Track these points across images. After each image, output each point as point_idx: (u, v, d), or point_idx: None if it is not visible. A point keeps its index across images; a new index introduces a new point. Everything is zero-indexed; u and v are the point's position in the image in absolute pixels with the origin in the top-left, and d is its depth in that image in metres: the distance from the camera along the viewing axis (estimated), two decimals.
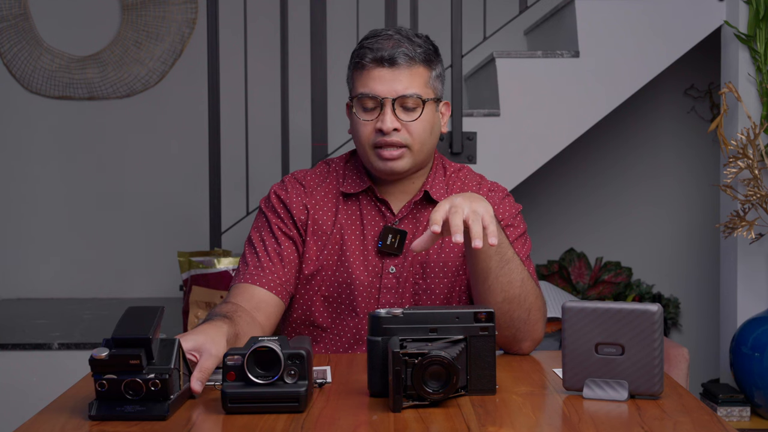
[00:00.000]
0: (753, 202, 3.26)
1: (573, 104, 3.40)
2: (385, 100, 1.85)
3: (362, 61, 1.88)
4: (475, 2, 3.81)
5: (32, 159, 4.35)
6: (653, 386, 1.45)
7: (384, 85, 1.86)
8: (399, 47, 1.86)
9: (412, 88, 1.86)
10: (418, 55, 1.87)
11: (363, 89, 1.87)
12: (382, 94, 1.86)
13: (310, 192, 1.96)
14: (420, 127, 1.87)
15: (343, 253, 1.91)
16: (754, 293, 3.43)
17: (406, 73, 1.86)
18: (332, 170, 1.99)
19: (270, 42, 3.98)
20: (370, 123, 1.88)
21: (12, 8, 4.32)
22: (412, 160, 1.89)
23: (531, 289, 1.79)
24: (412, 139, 1.87)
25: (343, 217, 1.93)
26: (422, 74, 1.88)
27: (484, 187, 1.99)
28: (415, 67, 1.87)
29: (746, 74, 3.39)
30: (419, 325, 1.49)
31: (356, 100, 1.89)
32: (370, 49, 1.87)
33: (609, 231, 4.35)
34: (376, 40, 1.88)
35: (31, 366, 3.21)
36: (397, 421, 1.36)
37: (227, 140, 3.66)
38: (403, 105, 1.86)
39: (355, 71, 1.91)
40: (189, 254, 3.24)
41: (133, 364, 1.36)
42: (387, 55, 1.85)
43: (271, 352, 1.41)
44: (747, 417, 3.32)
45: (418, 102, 1.87)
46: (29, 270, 4.35)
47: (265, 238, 1.92)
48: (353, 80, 1.91)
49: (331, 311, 1.92)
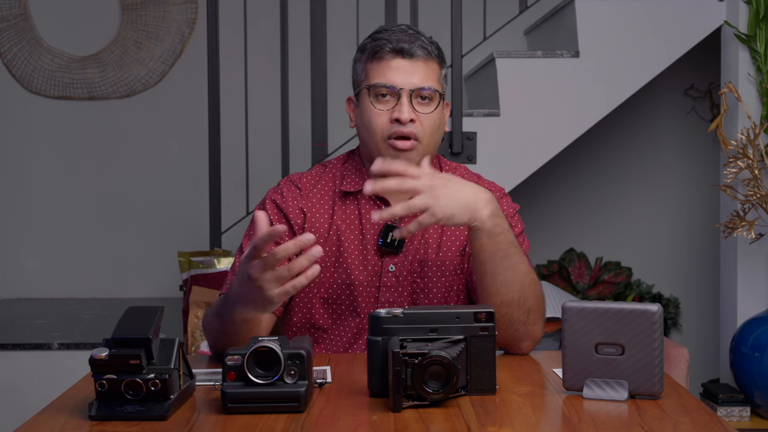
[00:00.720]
0: (753, 202, 3.26)
1: (573, 104, 3.40)
2: (403, 90, 1.86)
3: (380, 52, 1.88)
4: (475, 2, 3.81)
5: (32, 159, 4.35)
6: (653, 386, 1.45)
7: (402, 76, 1.87)
8: (417, 40, 1.88)
9: (429, 81, 1.88)
10: (433, 50, 1.90)
11: (380, 79, 1.87)
12: (399, 84, 1.87)
13: (306, 194, 1.95)
14: (433, 120, 1.89)
15: (341, 254, 1.91)
16: (754, 293, 3.43)
17: (422, 66, 1.88)
18: (329, 171, 1.99)
19: (270, 42, 3.97)
20: (385, 113, 1.87)
21: (12, 8, 4.32)
22: (420, 153, 1.89)
23: (532, 293, 1.78)
24: (423, 132, 1.88)
25: (339, 217, 1.93)
26: (436, 69, 1.91)
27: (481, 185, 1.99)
28: (431, 62, 1.89)
29: (746, 74, 3.39)
30: (419, 325, 1.49)
31: (371, 90, 1.88)
32: (388, 41, 1.88)
33: (609, 231, 4.35)
34: (392, 32, 1.90)
35: (31, 366, 3.21)
36: (397, 421, 1.36)
37: (227, 140, 3.66)
38: (420, 96, 1.88)
39: (370, 62, 1.90)
40: (189, 254, 3.24)
41: (133, 363, 1.36)
42: (407, 47, 1.87)
43: (271, 352, 1.41)
44: (747, 417, 3.32)
45: (434, 95, 1.88)
46: (29, 270, 4.35)
47: None
48: (367, 71, 1.91)
49: (331, 312, 1.92)
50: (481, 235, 1.71)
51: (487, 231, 1.71)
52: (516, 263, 1.75)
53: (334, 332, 1.92)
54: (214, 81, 3.40)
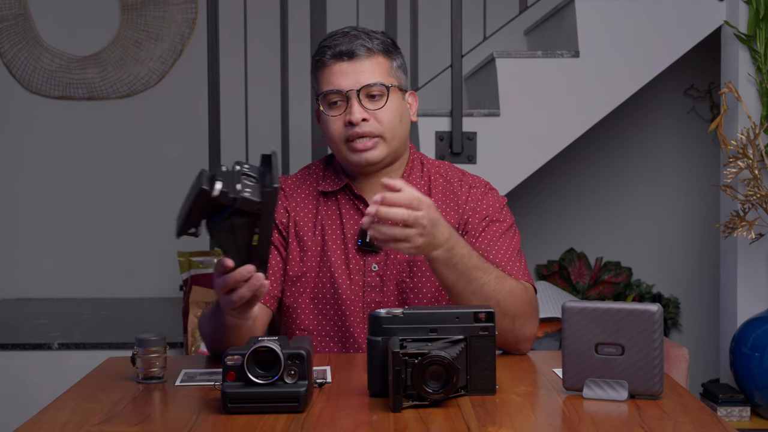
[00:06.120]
0: (753, 202, 3.26)
1: (573, 104, 3.40)
2: (350, 92, 1.87)
3: (322, 59, 1.90)
4: (475, 2, 3.81)
5: (32, 159, 4.35)
6: (653, 386, 1.45)
7: (347, 78, 1.87)
8: (356, 40, 1.89)
9: (375, 76, 1.88)
10: (375, 46, 1.90)
11: (327, 86, 1.89)
12: (346, 87, 1.87)
13: (290, 195, 1.98)
14: (388, 114, 1.88)
15: (324, 253, 1.92)
16: (754, 293, 3.43)
17: (366, 63, 1.88)
18: (312, 172, 2.01)
19: (270, 42, 3.97)
20: (339, 118, 1.89)
21: (12, 8, 4.32)
22: (387, 148, 1.90)
23: (512, 302, 1.76)
24: (382, 127, 1.88)
25: (323, 217, 1.95)
26: (382, 63, 1.90)
27: (466, 182, 1.98)
28: (374, 57, 1.89)
29: (746, 74, 3.39)
30: (419, 325, 1.49)
31: (322, 99, 1.91)
32: (328, 47, 1.90)
33: (609, 231, 4.34)
34: (333, 38, 1.91)
35: (31, 366, 3.21)
36: (397, 421, 1.36)
37: (227, 140, 3.66)
38: (369, 94, 1.88)
39: (317, 72, 1.93)
40: (189, 254, 3.24)
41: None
42: (345, 49, 1.88)
43: (271, 352, 1.41)
44: (747, 417, 3.32)
45: (383, 90, 1.88)
46: (29, 270, 4.35)
47: None
48: (317, 81, 1.93)
49: (317, 312, 1.92)
50: (437, 266, 1.71)
51: (442, 261, 1.69)
52: (483, 284, 1.72)
53: (321, 333, 1.92)
54: (214, 81, 3.40)
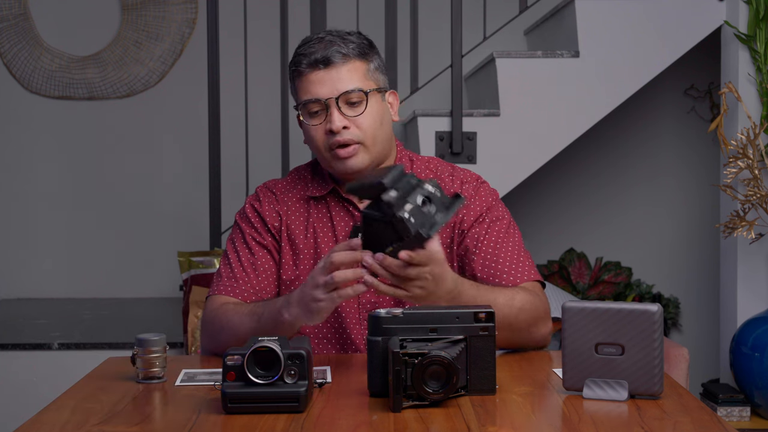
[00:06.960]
0: (753, 202, 3.26)
1: (573, 104, 3.40)
2: (330, 100, 1.86)
3: (299, 68, 1.88)
4: (475, 2, 3.81)
5: (32, 159, 4.35)
6: (653, 386, 1.45)
7: (324, 87, 1.86)
8: (331, 46, 1.87)
9: (353, 83, 1.86)
10: (351, 50, 1.88)
11: (306, 96, 1.88)
12: (324, 95, 1.86)
13: (282, 198, 1.97)
14: (368, 120, 1.88)
15: (317, 256, 1.91)
16: (754, 293, 3.43)
17: (343, 69, 1.86)
18: (301, 176, 2.01)
19: (270, 42, 3.97)
20: (320, 127, 1.88)
21: (12, 8, 4.32)
22: (368, 155, 1.89)
23: (524, 318, 1.78)
24: (363, 134, 1.87)
25: (314, 220, 1.95)
26: (359, 68, 1.88)
27: (457, 177, 1.97)
28: (350, 63, 1.87)
29: (746, 74, 3.39)
30: (419, 325, 1.49)
31: (302, 108, 1.89)
32: (304, 55, 1.88)
33: (609, 231, 4.34)
34: (308, 45, 1.89)
35: (31, 366, 3.21)
36: (397, 421, 1.36)
37: (227, 140, 3.66)
38: (348, 101, 1.87)
39: (294, 80, 1.91)
40: (189, 254, 3.24)
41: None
42: (321, 56, 1.86)
43: (271, 352, 1.41)
44: (747, 417, 3.32)
45: (362, 96, 1.87)
46: (29, 270, 4.35)
47: (239, 249, 1.94)
48: (296, 90, 1.92)
49: None
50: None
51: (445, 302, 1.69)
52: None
53: (318, 335, 1.92)
54: (214, 81, 3.40)
